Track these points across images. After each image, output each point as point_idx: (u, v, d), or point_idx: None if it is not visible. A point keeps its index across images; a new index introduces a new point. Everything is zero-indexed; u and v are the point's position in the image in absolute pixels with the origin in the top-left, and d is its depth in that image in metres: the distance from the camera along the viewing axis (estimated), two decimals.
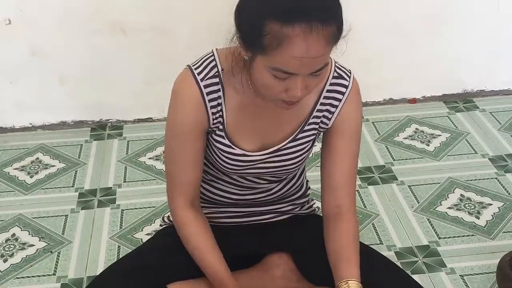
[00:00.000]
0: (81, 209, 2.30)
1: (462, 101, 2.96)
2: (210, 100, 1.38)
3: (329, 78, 1.42)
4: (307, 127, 1.45)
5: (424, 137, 2.69)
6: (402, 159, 2.55)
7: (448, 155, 2.57)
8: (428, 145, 2.64)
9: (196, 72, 1.37)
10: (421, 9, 2.75)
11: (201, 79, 1.37)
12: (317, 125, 1.45)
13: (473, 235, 2.14)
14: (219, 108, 1.39)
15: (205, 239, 1.45)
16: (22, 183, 2.46)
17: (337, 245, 1.42)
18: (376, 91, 2.90)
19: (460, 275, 1.98)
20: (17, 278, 2.01)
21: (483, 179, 2.42)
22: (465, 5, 2.78)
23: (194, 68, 1.38)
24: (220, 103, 1.39)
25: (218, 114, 1.40)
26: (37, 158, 2.61)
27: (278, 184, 1.56)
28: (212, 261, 1.44)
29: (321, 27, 1.17)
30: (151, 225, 2.21)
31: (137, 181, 2.46)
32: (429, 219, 2.21)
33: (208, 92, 1.37)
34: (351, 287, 1.35)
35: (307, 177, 1.68)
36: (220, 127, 1.41)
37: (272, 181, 1.54)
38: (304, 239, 1.56)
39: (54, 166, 2.56)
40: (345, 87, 1.43)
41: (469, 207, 2.27)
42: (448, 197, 2.32)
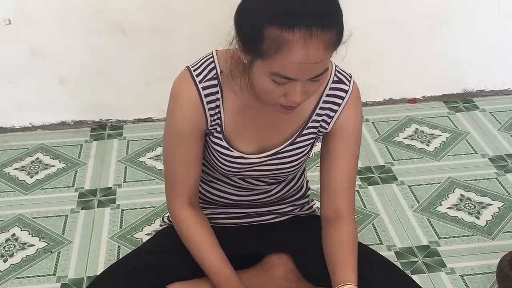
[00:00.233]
0: (81, 209, 2.30)
1: (462, 101, 2.96)
2: (208, 102, 1.37)
3: (329, 82, 1.41)
4: (305, 130, 1.44)
5: (424, 137, 2.69)
6: (402, 159, 2.55)
7: (448, 155, 2.57)
8: (428, 145, 2.64)
9: (195, 74, 1.37)
10: (421, 9, 2.75)
11: (200, 81, 1.37)
12: (316, 129, 1.45)
13: (473, 235, 2.14)
14: (217, 110, 1.39)
15: (205, 236, 1.45)
16: (22, 183, 2.46)
17: (335, 249, 1.42)
18: (376, 91, 2.90)
19: (460, 275, 1.98)
20: (17, 278, 2.01)
21: (483, 179, 2.42)
22: (465, 5, 2.78)
23: (193, 70, 1.38)
24: (218, 105, 1.39)
25: (216, 116, 1.39)
26: (37, 158, 2.61)
27: (278, 186, 1.56)
28: (213, 258, 1.43)
29: (321, 32, 1.16)
30: (151, 225, 2.21)
31: (137, 181, 2.46)
32: (429, 219, 2.21)
33: (206, 94, 1.37)
34: None
35: (307, 177, 1.68)
36: (218, 129, 1.41)
37: (271, 183, 1.54)
38: (304, 239, 1.56)
39: (54, 166, 2.56)
40: (345, 91, 1.42)
41: (469, 207, 2.27)
42: (448, 197, 2.32)
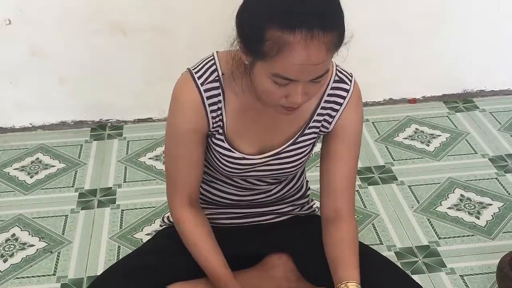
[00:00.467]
0: (81, 209, 2.30)
1: (462, 101, 2.96)
2: (210, 105, 1.37)
3: (330, 82, 1.41)
4: (307, 130, 1.44)
5: (424, 137, 2.69)
6: (402, 159, 2.55)
7: (448, 155, 2.57)
8: (428, 145, 2.64)
9: (196, 76, 1.37)
10: (419, 8, 2.75)
11: (201, 83, 1.36)
12: (317, 128, 1.45)
13: (473, 235, 2.14)
14: (219, 112, 1.39)
15: (204, 236, 1.45)
16: (22, 183, 2.46)
17: (336, 249, 1.42)
18: (376, 91, 2.90)
19: (460, 275, 1.98)
20: (17, 278, 2.01)
21: (483, 179, 2.42)
22: (463, 4, 2.77)
23: (195, 72, 1.38)
24: (220, 107, 1.39)
25: (218, 118, 1.39)
26: (37, 158, 2.61)
27: (278, 185, 1.56)
28: (210, 258, 1.43)
29: (322, 34, 1.16)
30: (151, 225, 2.21)
31: (137, 181, 2.46)
32: (429, 219, 2.21)
33: (208, 97, 1.37)
34: None
35: (307, 177, 1.68)
36: (220, 131, 1.41)
37: (272, 182, 1.54)
38: (304, 239, 1.56)
39: (54, 166, 2.56)
40: (346, 91, 1.42)
41: (469, 207, 2.27)
42: (448, 197, 2.32)
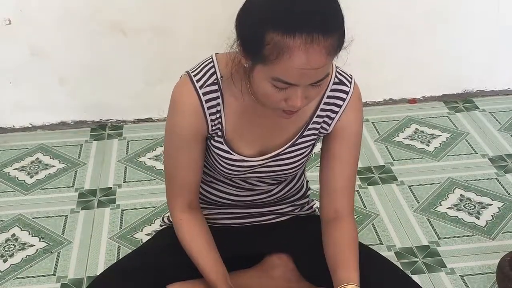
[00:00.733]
0: (81, 209, 2.30)
1: (462, 101, 2.95)
2: (209, 108, 1.37)
3: (329, 84, 1.41)
4: (306, 132, 1.44)
5: (424, 137, 2.69)
6: (402, 159, 2.55)
7: (448, 155, 2.57)
8: (428, 145, 2.64)
9: (195, 80, 1.36)
10: (421, 8, 2.75)
11: (200, 86, 1.36)
12: (317, 130, 1.45)
13: (473, 235, 2.14)
14: (218, 115, 1.38)
15: (200, 240, 1.45)
16: (22, 183, 2.46)
17: (336, 249, 1.42)
18: (376, 91, 2.90)
19: (460, 275, 1.97)
20: (17, 278, 2.01)
21: (483, 179, 2.42)
22: (465, 4, 2.77)
23: (193, 75, 1.37)
24: (219, 110, 1.38)
25: (217, 121, 1.39)
26: (37, 158, 2.61)
27: (278, 186, 1.56)
28: (205, 262, 1.43)
29: (322, 38, 1.16)
30: (151, 225, 2.21)
31: (137, 181, 2.46)
32: (429, 219, 2.21)
33: (207, 100, 1.36)
34: None
35: (307, 177, 1.68)
36: (219, 133, 1.41)
37: (272, 183, 1.53)
38: (304, 239, 1.56)
39: (54, 166, 2.56)
40: (346, 93, 1.42)
41: (469, 207, 2.27)
42: (448, 197, 2.32)
